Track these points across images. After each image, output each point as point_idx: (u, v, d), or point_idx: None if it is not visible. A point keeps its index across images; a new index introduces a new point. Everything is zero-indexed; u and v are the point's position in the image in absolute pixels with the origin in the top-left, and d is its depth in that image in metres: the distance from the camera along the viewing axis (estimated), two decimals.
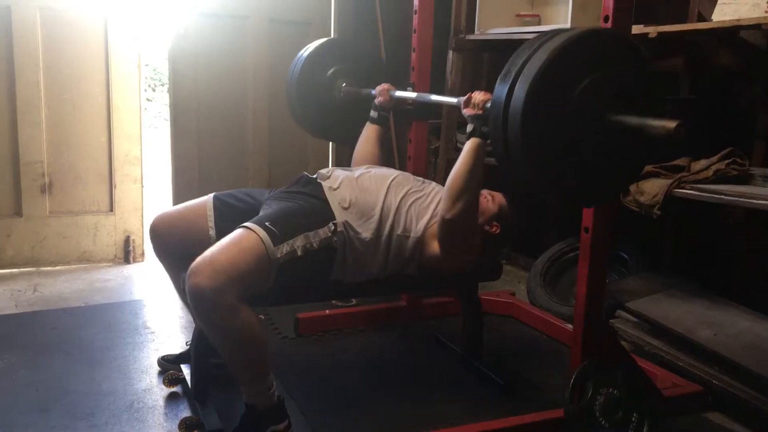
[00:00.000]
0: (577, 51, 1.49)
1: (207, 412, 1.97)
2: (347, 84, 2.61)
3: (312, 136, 2.87)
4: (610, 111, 1.49)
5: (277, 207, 1.96)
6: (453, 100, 2.05)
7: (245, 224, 1.81)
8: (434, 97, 2.17)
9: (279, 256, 1.78)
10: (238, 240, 1.76)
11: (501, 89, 1.53)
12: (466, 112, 1.94)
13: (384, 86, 2.48)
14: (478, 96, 1.91)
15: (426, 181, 2.23)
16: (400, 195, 2.05)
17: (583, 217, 1.89)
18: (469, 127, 1.93)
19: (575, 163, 1.53)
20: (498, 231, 2.16)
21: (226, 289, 1.66)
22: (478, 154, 1.89)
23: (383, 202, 2.01)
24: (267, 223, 1.81)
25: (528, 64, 1.48)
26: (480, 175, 1.91)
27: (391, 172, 2.15)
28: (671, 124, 1.37)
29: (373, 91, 2.50)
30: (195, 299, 1.67)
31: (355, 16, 3.86)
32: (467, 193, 1.88)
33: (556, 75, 1.47)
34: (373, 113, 2.51)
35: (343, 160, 3.89)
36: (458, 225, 1.92)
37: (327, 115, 2.64)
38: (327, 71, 2.60)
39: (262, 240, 1.76)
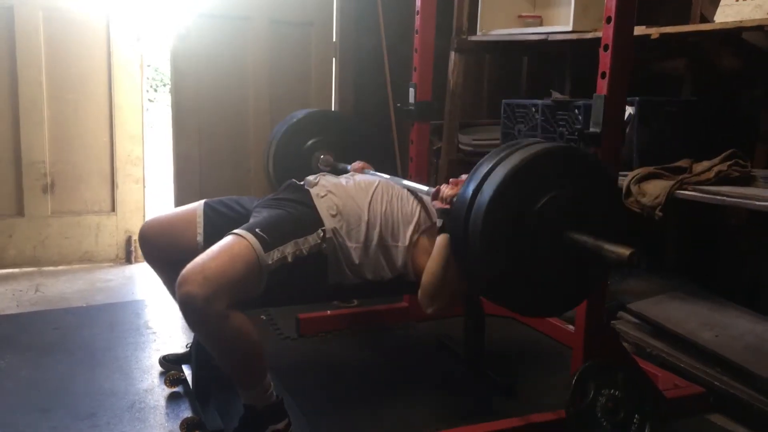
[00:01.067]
0: (545, 164, 1.54)
1: (208, 412, 1.97)
2: (324, 156, 2.65)
3: None
4: (568, 228, 1.53)
5: (266, 214, 1.95)
6: (424, 188, 2.03)
7: (235, 231, 1.80)
8: (405, 182, 2.16)
9: (270, 262, 1.77)
10: (229, 247, 1.75)
11: (466, 190, 1.57)
12: (435, 204, 1.91)
13: (359, 164, 2.46)
14: (445, 191, 1.86)
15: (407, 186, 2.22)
16: (385, 202, 2.04)
17: None
18: (439, 222, 1.90)
19: (532, 274, 1.57)
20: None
21: (216, 297, 1.65)
22: (449, 249, 1.82)
23: (369, 211, 2.00)
24: (257, 230, 1.80)
25: (494, 171, 1.53)
26: (452, 270, 1.84)
27: (374, 179, 2.14)
28: (625, 252, 1.40)
29: (349, 167, 2.49)
30: (185, 308, 1.66)
31: (356, 16, 3.86)
32: (443, 288, 1.87)
33: (519, 186, 1.51)
34: None
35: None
36: (441, 310, 1.92)
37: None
38: (307, 141, 2.66)
39: (252, 246, 1.75)
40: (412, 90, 2.69)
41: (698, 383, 2.21)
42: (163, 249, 2.12)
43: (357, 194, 2.04)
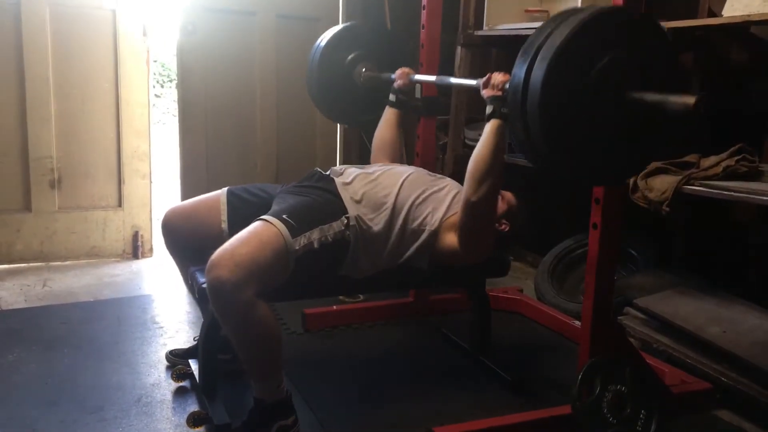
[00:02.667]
0: (595, 28, 1.48)
1: (215, 406, 1.97)
2: (367, 69, 2.61)
3: (333, 121, 2.90)
4: (629, 88, 1.48)
5: (292, 201, 1.96)
6: (472, 82, 2.04)
7: (263, 217, 1.82)
8: (453, 80, 2.17)
9: (297, 248, 1.79)
10: (258, 233, 1.77)
11: (519, 69, 1.52)
12: (485, 93, 1.93)
13: (404, 70, 2.48)
14: (497, 77, 1.90)
15: (440, 176, 2.23)
16: (415, 191, 2.05)
17: (592, 214, 1.88)
18: (489, 109, 1.91)
19: (595, 141, 1.52)
20: (507, 229, 2.15)
21: (246, 283, 1.67)
22: (500, 135, 1.87)
23: (396, 197, 2.01)
24: (284, 216, 1.82)
25: (547, 41, 1.48)
26: (502, 157, 1.89)
27: (406, 169, 2.15)
28: (690, 100, 1.36)
29: (393, 75, 2.50)
30: (214, 293, 1.67)
31: (363, 11, 3.85)
32: (491, 175, 1.87)
33: (574, 53, 1.46)
34: (392, 97, 2.52)
35: (351, 155, 3.90)
36: (483, 208, 1.90)
37: (347, 100, 2.65)
38: (346, 57, 2.61)
39: (280, 232, 1.77)
40: (418, 85, 2.69)
41: (705, 379, 2.20)
42: (187, 236, 2.14)
43: (385, 181, 2.06)
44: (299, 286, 1.89)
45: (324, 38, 2.62)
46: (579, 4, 2.81)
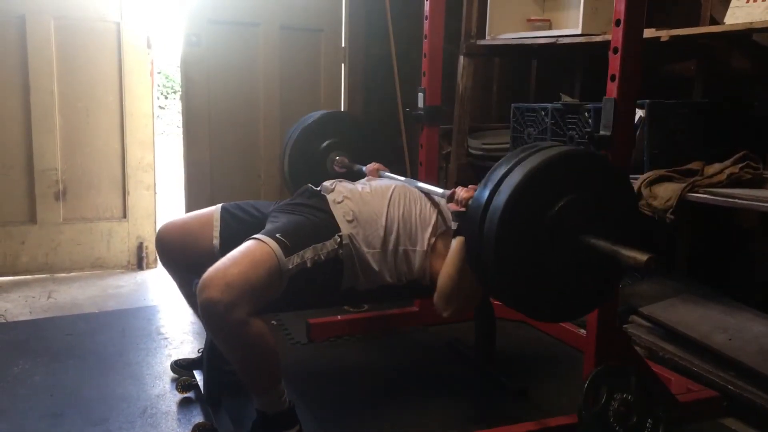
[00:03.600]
0: (559, 169, 1.53)
1: (220, 417, 1.97)
2: (340, 157, 2.67)
3: None
4: (585, 232, 1.51)
5: (285, 219, 1.96)
6: (439, 191, 2.04)
7: (256, 236, 1.81)
8: (421, 184, 2.16)
9: (290, 267, 1.78)
10: (250, 252, 1.76)
11: (481, 193, 1.56)
12: (450, 207, 1.92)
13: (374, 165, 2.48)
14: (461, 193, 1.87)
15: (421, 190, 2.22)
16: (402, 206, 2.05)
17: None
18: (454, 225, 1.92)
19: (546, 278, 1.55)
20: None
21: (238, 303, 1.65)
22: (465, 252, 1.81)
23: (386, 216, 2.01)
24: (278, 235, 1.81)
25: (509, 176, 1.52)
26: (469, 271, 1.81)
27: (390, 184, 2.15)
28: (642, 257, 1.38)
29: (364, 168, 2.51)
30: (207, 313, 1.66)
31: (366, 22, 3.87)
32: (460, 291, 1.88)
33: (534, 190, 1.50)
34: None
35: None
36: (458, 315, 1.93)
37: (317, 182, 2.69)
38: (322, 143, 2.68)
39: (273, 252, 1.76)
40: (421, 95, 2.70)
41: (712, 387, 2.19)
42: (180, 252, 2.13)
43: (373, 200, 2.05)
44: (293, 301, 1.89)
45: (302, 123, 2.70)
46: (580, 16, 2.81)
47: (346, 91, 3.89)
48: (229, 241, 1.94)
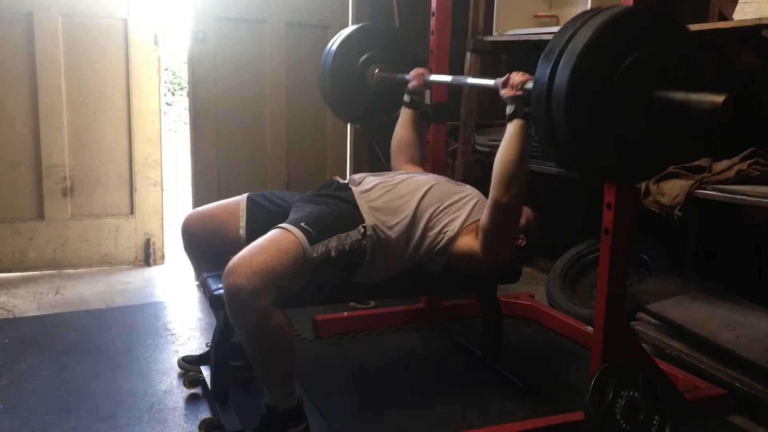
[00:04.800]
0: (618, 29, 1.48)
1: (227, 413, 1.98)
2: (380, 70, 2.61)
3: (348, 123, 2.91)
4: (654, 88, 1.47)
5: (310, 209, 1.97)
6: (490, 82, 2.02)
7: (281, 225, 1.83)
8: (470, 80, 2.15)
9: (315, 255, 1.80)
10: (276, 241, 1.77)
11: (543, 69, 1.51)
12: (505, 93, 1.91)
13: (418, 70, 2.49)
14: (516, 77, 1.88)
15: (461, 184, 2.23)
16: (437, 200, 2.05)
17: (604, 219, 1.87)
18: (509, 109, 1.89)
19: (620, 141, 1.52)
20: (524, 244, 2.15)
21: (262, 291, 1.67)
22: (523, 135, 1.85)
23: (418, 205, 2.01)
24: (303, 224, 1.83)
25: (571, 42, 1.47)
26: (527, 157, 1.88)
27: (428, 178, 2.16)
28: (719, 98, 1.35)
29: (407, 76, 2.50)
30: (231, 299, 1.68)
31: (373, 18, 3.86)
32: (519, 175, 1.86)
33: (599, 53, 1.46)
34: (406, 97, 2.52)
35: (362, 162, 3.90)
36: (513, 209, 1.89)
37: (361, 101, 2.65)
38: (359, 58, 2.62)
39: (299, 240, 1.78)
40: (428, 91, 2.69)
41: (719, 385, 2.19)
42: (205, 240, 2.16)
43: (406, 190, 2.06)
44: (311, 292, 1.89)
45: (336, 40, 2.62)
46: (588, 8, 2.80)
47: None
48: (256, 231, 1.96)
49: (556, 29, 3.04)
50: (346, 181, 2.12)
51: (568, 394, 2.24)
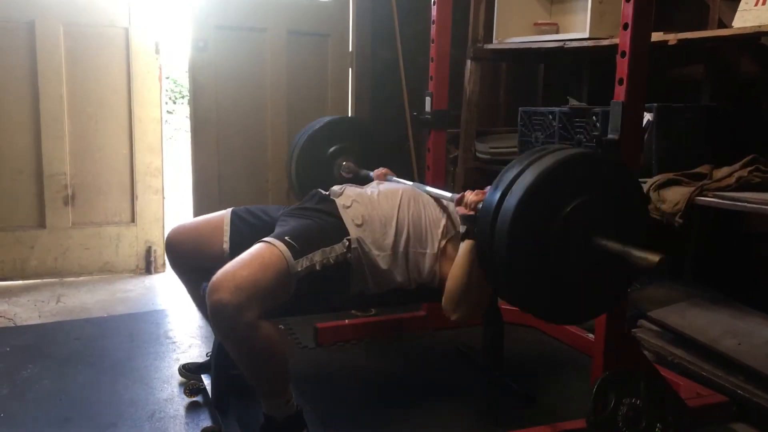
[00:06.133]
0: (569, 171, 1.52)
1: (228, 421, 1.98)
2: (347, 162, 2.67)
3: None
4: (595, 234, 1.51)
5: (294, 223, 1.97)
6: (447, 194, 2.04)
7: (265, 239, 1.82)
8: (429, 189, 2.17)
9: (299, 269, 1.79)
10: (260, 255, 1.77)
11: (492, 196, 1.55)
12: (459, 210, 1.91)
13: (382, 170, 2.49)
14: (470, 196, 1.86)
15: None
16: (412, 209, 2.05)
17: None
18: (462, 228, 1.90)
19: (558, 279, 1.55)
20: None
21: (247, 306, 1.66)
22: (473, 255, 1.82)
23: (396, 219, 2.01)
24: (287, 238, 1.82)
25: (520, 178, 1.51)
26: (478, 273, 1.82)
27: (399, 187, 2.15)
28: (654, 258, 1.37)
29: (371, 174, 2.51)
30: (216, 316, 1.67)
31: (373, 27, 3.88)
32: (468, 294, 1.86)
33: (546, 192, 1.49)
34: None
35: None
36: (466, 319, 1.92)
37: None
38: (329, 149, 2.68)
39: (282, 254, 1.77)
40: (428, 99, 2.70)
41: (721, 392, 2.18)
42: (189, 255, 2.15)
43: (383, 203, 2.05)
44: (302, 304, 1.89)
45: (309, 129, 2.69)
46: (587, 20, 2.81)
47: (353, 95, 3.90)
48: (239, 246, 1.94)
49: (556, 37, 3.08)
50: (328, 193, 2.11)
51: (570, 402, 2.24)
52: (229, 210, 2.18)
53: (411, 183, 2.24)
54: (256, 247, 1.79)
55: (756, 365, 2.12)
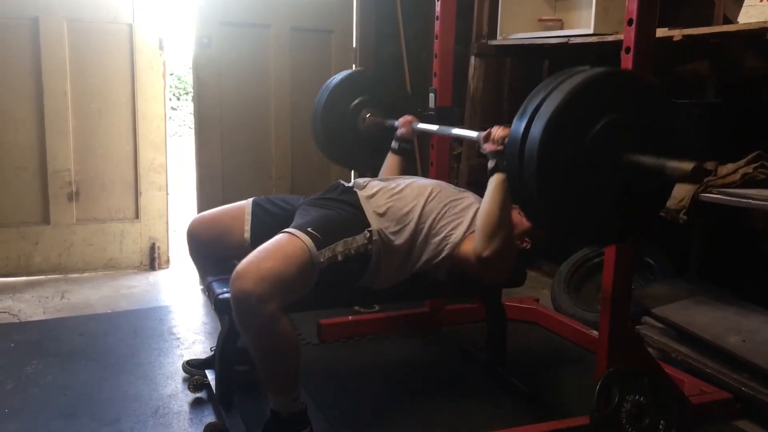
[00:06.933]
0: (594, 91, 1.49)
1: (231, 417, 1.98)
2: (371, 114, 2.63)
3: (338, 164, 2.95)
4: (626, 151, 1.49)
5: (316, 214, 1.97)
6: (473, 134, 2.05)
7: (288, 230, 1.83)
8: (455, 131, 2.18)
9: (322, 260, 1.80)
10: (283, 246, 1.78)
11: (518, 126, 1.53)
12: (487, 147, 1.93)
13: (407, 118, 2.49)
14: (497, 131, 1.90)
15: (463, 190, 2.22)
16: (439, 205, 2.05)
17: None
18: (491, 163, 1.92)
19: (590, 201, 1.53)
20: (529, 246, 2.15)
21: (270, 297, 1.67)
22: (504, 189, 1.87)
23: (421, 211, 2.01)
24: (309, 229, 1.83)
25: (546, 100, 1.49)
26: (510, 209, 1.89)
27: (430, 183, 2.15)
28: (688, 166, 1.35)
29: (396, 123, 2.51)
30: (238, 304, 1.68)
31: (376, 23, 3.87)
32: (501, 229, 1.87)
33: (572, 115, 1.47)
34: (394, 144, 2.52)
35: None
36: (496, 261, 1.90)
37: (352, 145, 2.66)
38: (352, 102, 2.63)
39: (306, 245, 1.78)
40: (432, 95, 2.69)
41: (725, 389, 2.18)
42: (210, 245, 2.17)
43: (407, 195, 2.05)
44: (316, 296, 1.89)
45: (330, 83, 2.65)
46: (592, 15, 2.80)
47: None
48: (260, 235, 1.96)
49: (560, 33, 3.07)
50: (351, 185, 2.12)
51: (573, 399, 2.24)
52: (250, 200, 2.19)
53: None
54: (279, 238, 1.80)
55: (760, 362, 2.12)
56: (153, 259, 3.65)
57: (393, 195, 2.04)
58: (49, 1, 3.29)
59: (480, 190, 2.23)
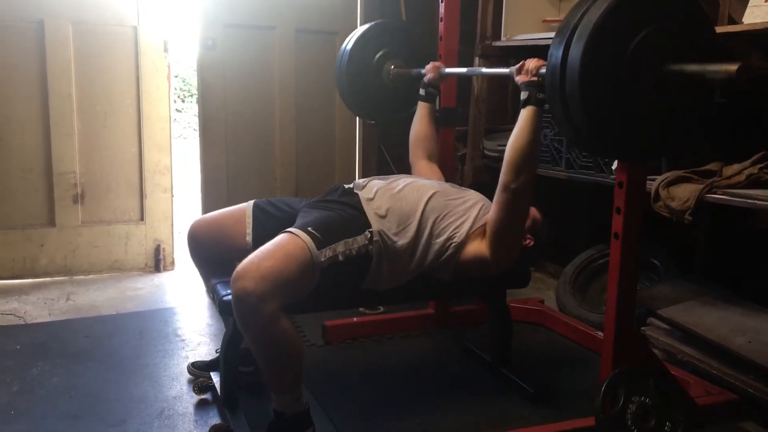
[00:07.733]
0: (631, 4, 1.48)
1: (236, 419, 1.98)
2: (396, 66, 2.64)
3: (365, 119, 2.93)
4: (668, 61, 1.47)
5: (317, 214, 1.98)
6: (505, 70, 2.05)
7: (289, 230, 1.83)
8: (485, 70, 2.19)
9: (323, 260, 1.80)
10: (284, 245, 1.78)
11: (556, 49, 1.52)
12: (519, 79, 1.94)
13: (434, 64, 2.51)
14: (531, 62, 1.92)
15: (463, 188, 2.22)
16: (441, 204, 2.04)
17: (613, 223, 1.87)
18: (524, 95, 1.92)
19: (634, 117, 1.51)
20: (531, 244, 2.14)
21: (270, 296, 1.68)
22: (536, 121, 1.87)
23: (423, 210, 2.01)
24: (310, 228, 1.83)
25: (583, 19, 1.48)
26: (539, 144, 1.90)
27: (431, 183, 2.15)
28: (732, 67, 1.34)
29: (422, 70, 2.52)
30: (239, 304, 1.69)
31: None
32: (530, 162, 1.87)
33: (610, 30, 1.46)
34: (422, 91, 2.54)
35: (370, 167, 3.91)
36: (522, 197, 1.89)
37: (378, 98, 2.67)
38: (375, 55, 2.64)
39: (306, 245, 1.78)
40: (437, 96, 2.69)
41: (731, 390, 2.17)
42: (211, 247, 2.17)
43: (409, 195, 2.05)
44: (320, 298, 1.89)
45: (352, 37, 2.64)
46: None
47: None
48: (262, 237, 1.96)
49: None
50: (351, 186, 2.12)
51: (579, 400, 2.23)
52: (251, 202, 2.19)
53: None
54: (280, 238, 1.81)
55: (766, 363, 2.11)
56: (158, 261, 3.66)
57: (393, 195, 2.03)
58: (54, 4, 3.30)
59: (485, 192, 2.23)
